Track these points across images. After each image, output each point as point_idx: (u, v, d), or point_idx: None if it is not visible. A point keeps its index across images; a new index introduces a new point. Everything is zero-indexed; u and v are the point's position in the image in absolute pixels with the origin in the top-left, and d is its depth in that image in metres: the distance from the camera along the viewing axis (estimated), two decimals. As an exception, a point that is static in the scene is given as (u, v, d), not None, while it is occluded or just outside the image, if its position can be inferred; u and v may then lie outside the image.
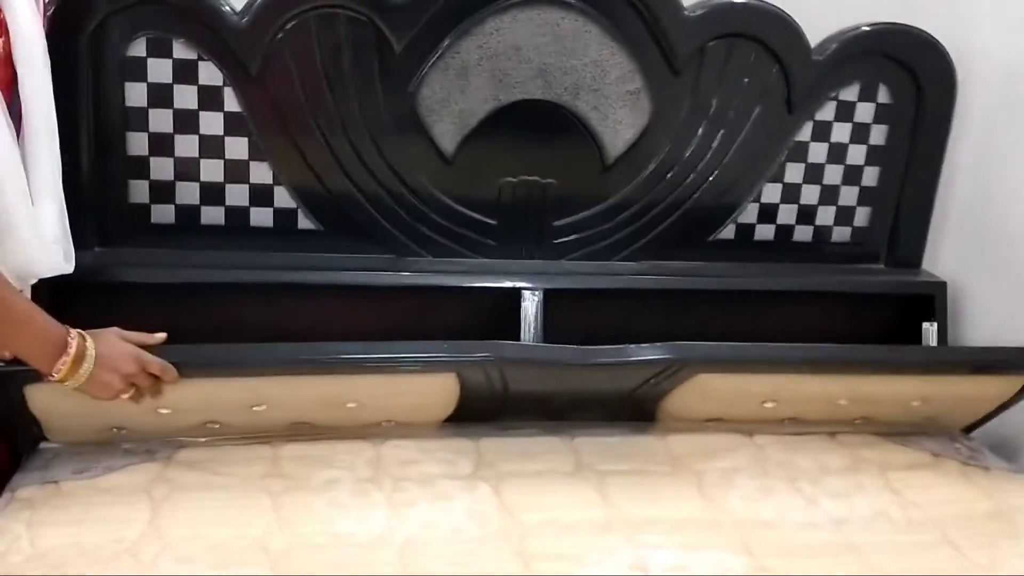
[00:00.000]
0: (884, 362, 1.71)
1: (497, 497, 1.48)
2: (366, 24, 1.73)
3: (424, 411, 1.66)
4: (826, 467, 1.65)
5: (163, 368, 1.41)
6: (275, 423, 1.60)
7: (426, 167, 1.85)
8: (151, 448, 1.55)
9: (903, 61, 1.94)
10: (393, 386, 1.57)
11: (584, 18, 1.80)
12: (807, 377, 1.69)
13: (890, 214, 2.05)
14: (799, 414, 1.77)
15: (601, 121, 1.87)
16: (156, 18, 1.68)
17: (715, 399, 1.70)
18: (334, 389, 1.55)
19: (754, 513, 1.50)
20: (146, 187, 1.76)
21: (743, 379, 1.67)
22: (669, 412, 1.73)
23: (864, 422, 1.80)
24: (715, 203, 1.97)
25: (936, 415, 1.81)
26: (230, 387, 1.51)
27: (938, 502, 1.56)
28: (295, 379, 1.53)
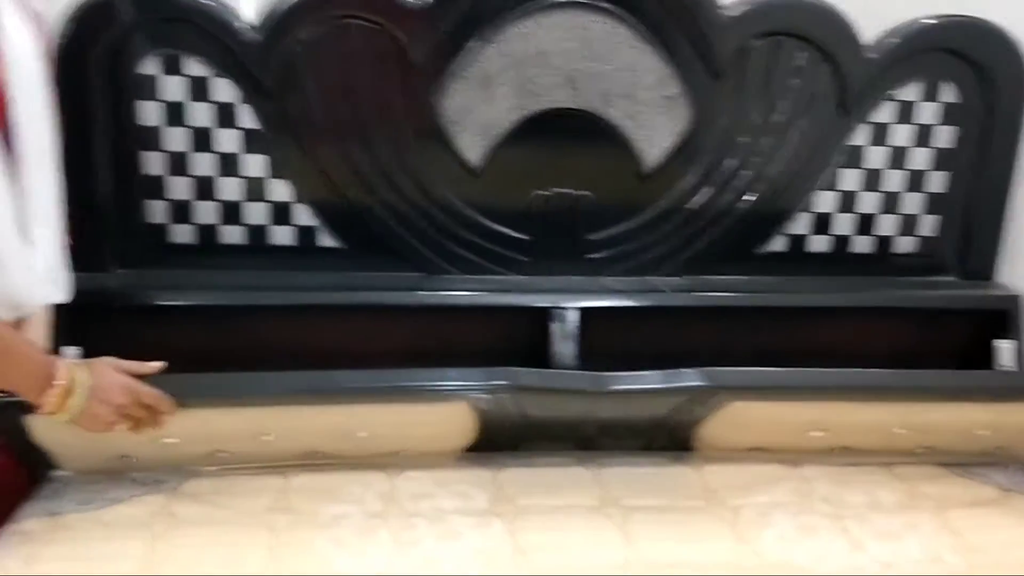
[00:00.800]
0: (943, 389, 1.55)
1: (510, 536, 1.39)
2: (382, 34, 1.66)
3: (440, 440, 1.58)
4: (878, 503, 1.51)
5: (157, 400, 1.36)
6: (285, 452, 1.54)
7: (452, 180, 1.77)
8: (159, 478, 1.52)
9: (969, 56, 1.78)
10: (404, 416, 1.50)
11: (614, 20, 1.69)
12: (857, 405, 1.54)
13: (959, 222, 1.89)
14: (851, 444, 1.63)
15: (636, 129, 1.76)
16: (169, 36, 1.64)
17: (754, 428, 1.58)
18: (341, 419, 1.48)
19: (790, 556, 1.37)
20: (163, 207, 1.72)
21: (784, 407, 1.54)
22: (706, 441, 1.61)
23: (926, 452, 1.65)
24: (764, 213, 1.84)
25: (1007, 445, 1.64)
26: (234, 417, 1.46)
27: (1001, 545, 1.40)
28: (301, 409, 1.47)
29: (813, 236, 1.87)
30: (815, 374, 1.56)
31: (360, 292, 1.78)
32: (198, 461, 1.54)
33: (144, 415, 1.36)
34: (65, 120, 1.56)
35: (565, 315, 1.77)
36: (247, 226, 1.75)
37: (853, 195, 1.85)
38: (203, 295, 1.73)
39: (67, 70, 1.59)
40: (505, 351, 1.72)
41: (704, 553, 1.37)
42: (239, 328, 1.75)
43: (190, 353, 1.50)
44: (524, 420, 1.54)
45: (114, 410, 1.31)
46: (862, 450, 1.63)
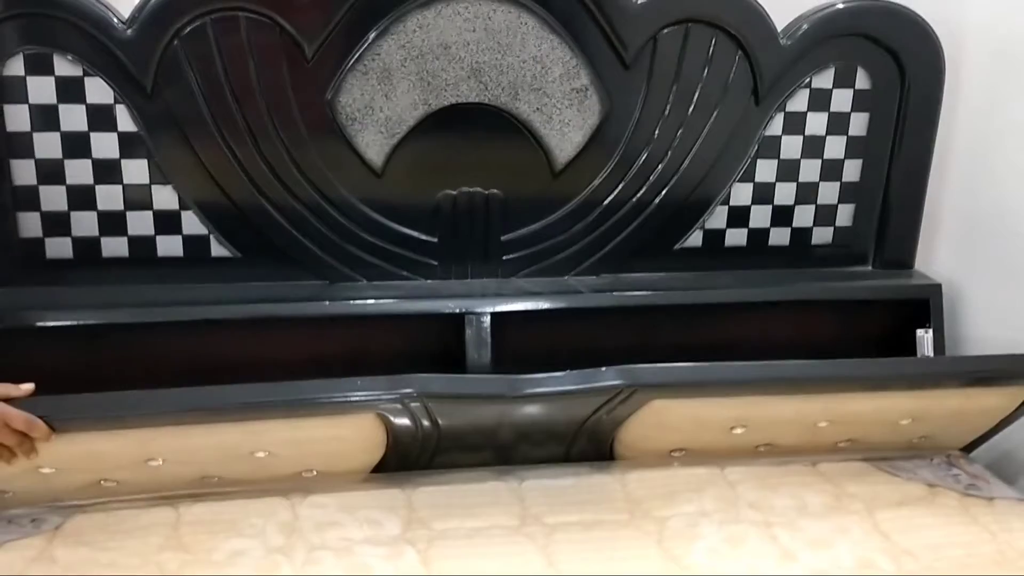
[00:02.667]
0: (864, 378, 1.51)
1: (424, 566, 1.29)
2: (272, 27, 1.55)
3: (347, 459, 1.48)
4: (806, 507, 1.45)
5: (28, 423, 1.24)
6: (176, 479, 1.42)
7: (352, 181, 1.66)
8: (39, 516, 1.38)
9: (883, 42, 1.74)
10: (305, 431, 1.39)
11: (518, 9, 1.60)
12: (779, 399, 1.49)
13: (876, 211, 1.85)
14: (774, 440, 1.58)
15: (546, 123, 1.68)
16: (33, 32, 1.50)
17: (676, 428, 1.51)
18: (236, 438, 1.37)
19: (720, 570, 1.30)
20: (38, 219, 1.58)
21: (705, 404, 1.47)
22: (627, 444, 1.54)
23: (850, 445, 1.61)
24: (680, 207, 1.78)
25: (930, 434, 1.61)
26: (117, 440, 1.34)
27: (933, 546, 1.36)
28: (191, 428, 1.35)
29: (730, 230, 1.81)
30: (735, 368, 1.49)
31: (258, 304, 1.66)
32: (81, 493, 1.41)
33: (14, 442, 1.24)
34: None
35: (479, 320, 1.69)
36: (131, 237, 1.62)
37: (770, 186, 1.80)
38: (85, 313, 1.59)
39: (-81, 72, 1.45)
40: (417, 359, 1.63)
41: (631, 572, 1.29)
42: (126, 348, 1.62)
43: (73, 377, 1.39)
44: (435, 430, 1.44)
45: None
46: (787, 446, 1.57)
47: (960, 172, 1.83)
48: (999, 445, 1.70)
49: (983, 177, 1.78)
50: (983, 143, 1.78)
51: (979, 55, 1.76)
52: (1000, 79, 1.73)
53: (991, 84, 1.75)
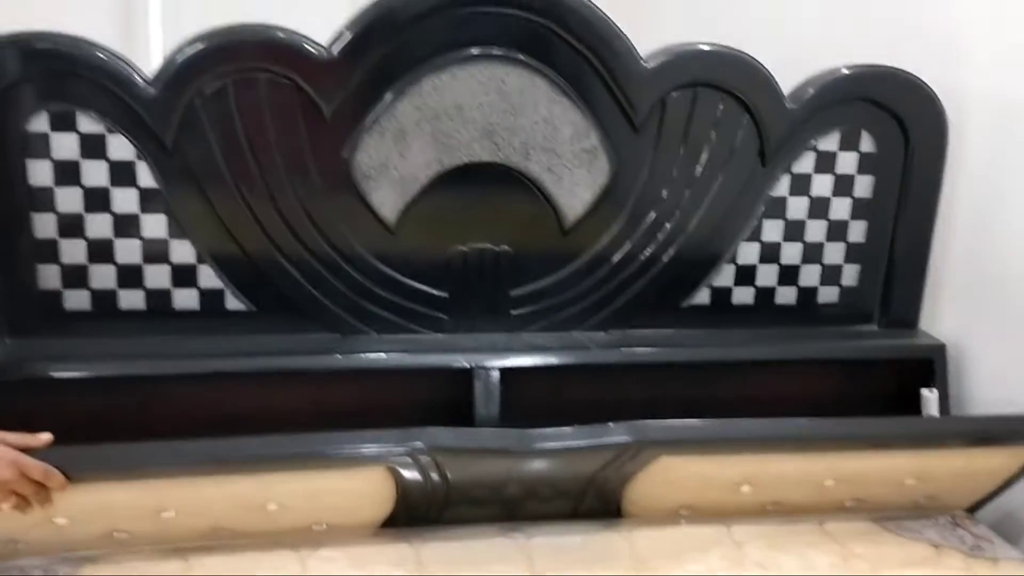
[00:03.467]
0: (869, 437, 1.54)
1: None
2: (291, 88, 1.59)
3: (357, 512, 1.49)
4: (812, 567, 1.46)
5: (45, 473, 1.26)
6: (188, 530, 1.43)
7: (366, 237, 1.69)
8: (50, 568, 1.39)
9: (888, 106, 1.78)
10: (316, 484, 1.41)
11: (531, 73, 1.64)
12: (785, 456, 1.52)
13: (882, 272, 1.88)
14: (781, 498, 1.59)
15: (556, 182, 1.71)
16: (59, 90, 1.54)
17: (683, 485, 1.53)
18: (248, 490, 1.39)
19: (726, 631, 1.31)
20: (57, 272, 1.61)
21: (712, 461, 1.50)
22: (634, 501, 1.56)
23: (856, 504, 1.62)
24: (687, 266, 1.80)
25: (935, 494, 1.62)
26: (131, 491, 1.36)
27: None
28: (204, 480, 1.37)
29: (737, 288, 1.84)
30: (742, 425, 1.52)
31: (271, 357, 1.68)
32: (93, 544, 1.42)
33: (31, 491, 1.26)
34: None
35: (488, 375, 1.71)
36: (148, 290, 1.65)
37: (776, 246, 1.83)
38: (101, 365, 1.62)
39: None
40: (426, 412, 1.65)
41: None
42: (142, 400, 1.65)
43: (88, 428, 1.41)
44: (445, 484, 1.46)
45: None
46: (793, 504, 1.58)
47: (964, 234, 1.85)
48: (1004, 505, 1.71)
49: (987, 239, 1.80)
50: (986, 206, 1.80)
51: (982, 120, 1.79)
52: (1003, 144, 1.75)
53: (994, 148, 1.77)
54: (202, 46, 1.56)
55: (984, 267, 1.82)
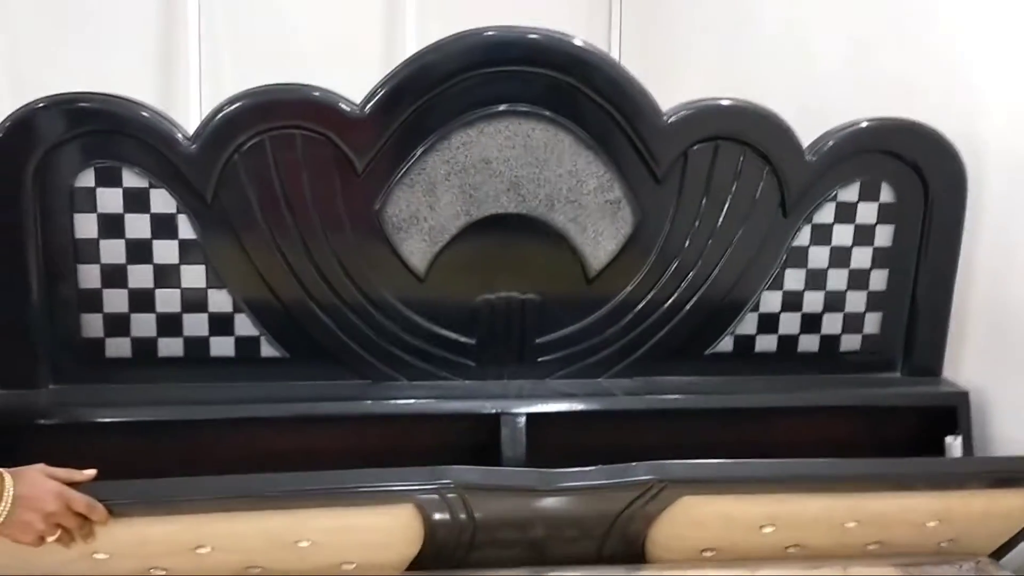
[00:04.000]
0: (890, 477, 1.57)
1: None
2: (325, 143, 1.65)
3: (386, 550, 1.53)
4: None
5: (89, 506, 1.32)
6: (223, 566, 1.47)
7: (396, 286, 1.75)
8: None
9: (907, 158, 1.82)
10: (346, 520, 1.45)
11: (556, 128, 1.70)
12: (806, 497, 1.54)
13: (903, 319, 1.90)
14: (803, 540, 1.60)
15: (580, 233, 1.76)
16: (105, 147, 1.61)
17: (706, 526, 1.55)
18: (281, 525, 1.44)
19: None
20: (100, 320, 1.68)
21: (734, 501, 1.52)
22: (658, 542, 1.58)
23: (879, 547, 1.63)
24: (711, 314, 1.84)
25: (957, 537, 1.63)
26: (168, 526, 1.41)
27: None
28: (238, 516, 1.42)
29: (760, 336, 1.87)
30: (764, 464, 1.55)
31: (304, 403, 1.74)
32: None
33: (75, 524, 1.32)
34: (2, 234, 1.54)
35: (514, 420, 1.75)
36: (186, 338, 1.71)
37: (798, 294, 1.86)
38: (140, 410, 1.68)
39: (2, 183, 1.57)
40: (455, 456, 1.67)
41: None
42: (179, 444, 1.70)
43: (127, 471, 1.45)
44: (471, 524, 1.50)
45: (44, 518, 1.28)
46: (816, 547, 1.60)
47: (985, 282, 1.87)
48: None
49: (1008, 287, 1.82)
50: (1007, 255, 1.82)
51: (1001, 171, 1.82)
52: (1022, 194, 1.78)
53: (1014, 198, 1.80)
54: (240, 105, 1.63)
55: (1006, 314, 1.83)
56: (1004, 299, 1.84)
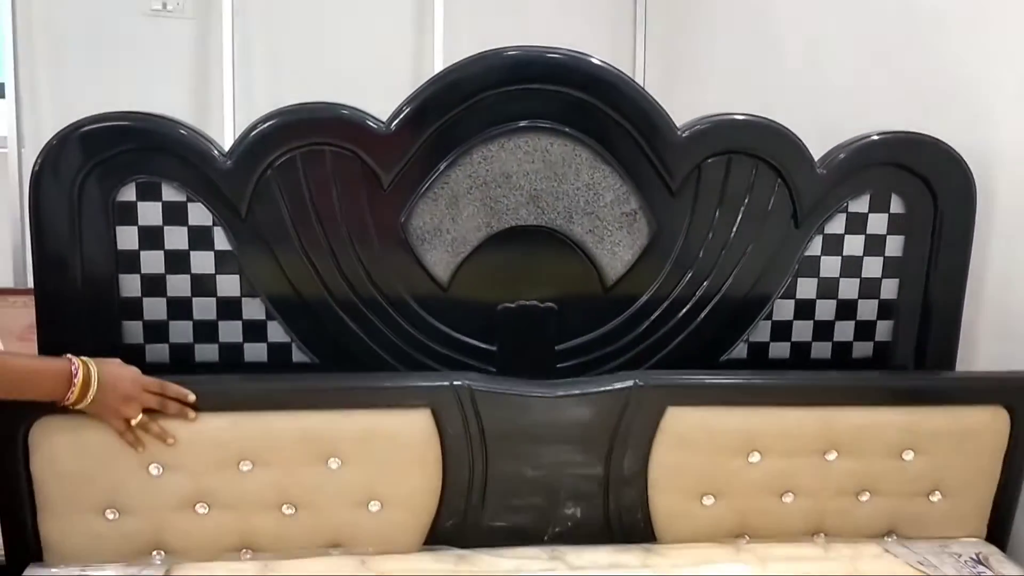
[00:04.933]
0: (854, 387, 1.78)
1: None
2: (353, 159, 1.73)
3: (408, 476, 1.67)
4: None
5: (162, 385, 1.57)
6: (262, 500, 1.62)
7: (421, 295, 1.82)
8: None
9: (916, 170, 1.87)
10: (369, 422, 1.64)
11: (574, 143, 1.77)
12: (780, 409, 1.72)
13: (915, 327, 1.95)
14: (793, 482, 1.74)
15: (598, 244, 1.82)
16: (145, 163, 1.70)
17: (695, 445, 1.70)
18: (314, 427, 1.62)
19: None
20: (140, 328, 1.76)
21: (714, 413, 1.70)
22: (658, 479, 1.70)
23: (869, 501, 1.75)
24: (725, 322, 1.90)
25: (942, 481, 1.76)
26: (218, 421, 1.61)
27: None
28: (278, 415, 1.62)
29: (774, 343, 1.92)
30: (735, 374, 1.79)
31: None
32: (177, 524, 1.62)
33: (154, 402, 1.56)
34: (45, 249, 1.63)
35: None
36: (221, 344, 1.79)
37: (811, 303, 1.91)
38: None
39: (47, 199, 1.66)
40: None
41: None
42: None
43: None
44: (481, 436, 1.66)
45: (125, 398, 1.53)
46: (804, 489, 1.73)
47: (996, 290, 1.92)
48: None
49: (1019, 295, 1.87)
50: (1018, 264, 1.87)
51: (1010, 182, 1.87)
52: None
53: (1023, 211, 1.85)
54: (273, 123, 1.72)
55: (1018, 323, 1.88)
56: (1015, 308, 1.88)
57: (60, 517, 1.58)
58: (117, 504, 1.59)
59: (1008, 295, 1.89)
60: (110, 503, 1.59)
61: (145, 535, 1.60)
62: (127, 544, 1.60)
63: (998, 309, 1.92)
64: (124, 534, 1.59)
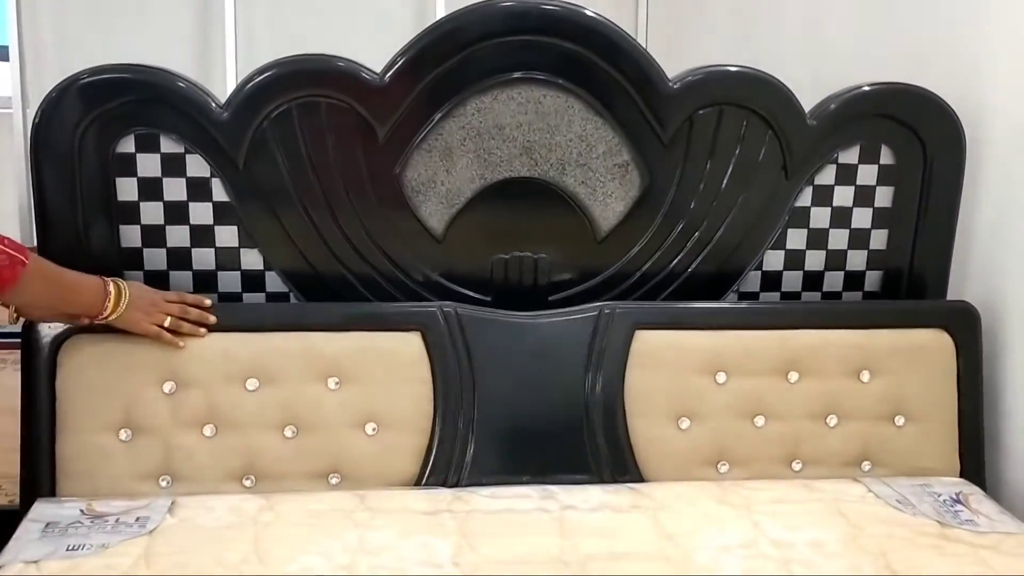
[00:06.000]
0: (808, 310, 1.92)
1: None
2: (348, 111, 1.76)
3: (402, 400, 1.75)
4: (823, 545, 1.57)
5: (181, 295, 1.72)
6: (266, 419, 1.71)
7: (416, 247, 1.85)
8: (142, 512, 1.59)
9: (906, 121, 1.89)
10: (367, 342, 1.75)
11: (566, 94, 1.80)
12: (743, 333, 1.84)
13: (904, 278, 1.97)
14: (761, 404, 1.82)
15: (590, 195, 1.85)
16: (143, 115, 1.73)
17: (663, 365, 1.81)
18: (317, 346, 1.74)
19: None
20: (141, 277, 1.79)
21: (681, 336, 1.82)
22: (635, 400, 1.79)
23: (839, 430, 1.84)
24: (715, 272, 1.93)
25: (905, 402, 1.85)
26: (228, 343, 1.71)
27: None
28: (284, 341, 1.73)
29: (764, 294, 1.96)
30: (705, 304, 1.91)
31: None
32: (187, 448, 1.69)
33: (176, 311, 1.68)
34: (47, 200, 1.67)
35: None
36: (220, 294, 1.83)
37: (800, 253, 1.94)
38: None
39: (48, 152, 1.69)
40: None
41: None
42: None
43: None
44: (468, 358, 1.77)
45: (151, 304, 1.66)
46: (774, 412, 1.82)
47: (984, 242, 1.94)
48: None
49: (1006, 247, 1.89)
50: (1005, 215, 1.89)
51: (999, 132, 1.88)
52: (1020, 155, 1.84)
53: (1012, 159, 1.86)
54: (268, 75, 1.74)
55: (1004, 274, 1.90)
56: (1004, 260, 1.90)
57: (77, 435, 1.65)
58: (131, 423, 1.67)
59: (996, 244, 1.91)
60: (125, 422, 1.67)
61: (154, 458, 1.67)
62: (136, 467, 1.66)
63: (987, 261, 1.94)
64: (134, 456, 1.66)
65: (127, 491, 1.65)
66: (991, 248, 1.93)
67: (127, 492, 1.65)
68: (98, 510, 1.59)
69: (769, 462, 1.82)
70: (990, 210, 1.93)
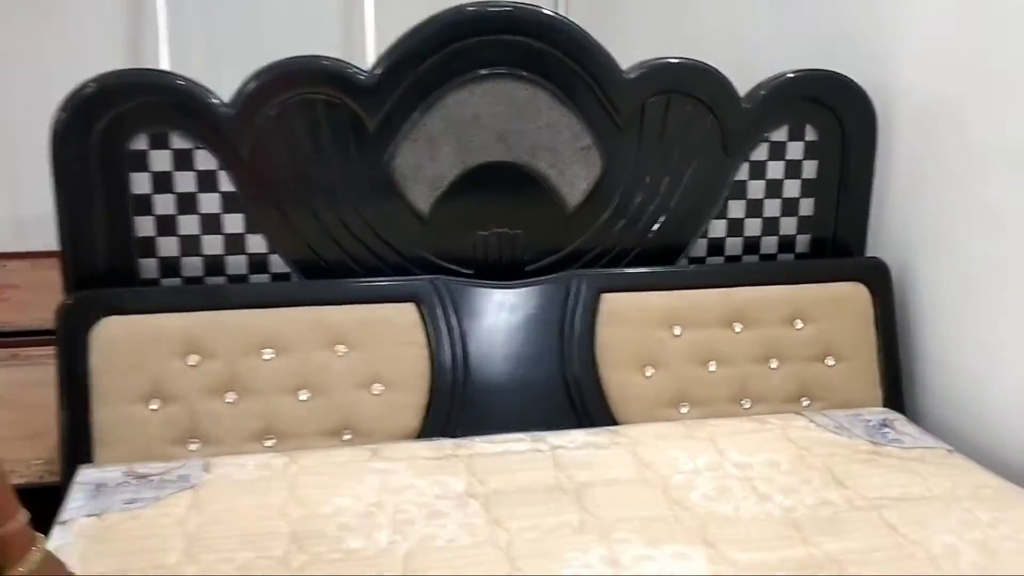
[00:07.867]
0: (745, 272, 2.20)
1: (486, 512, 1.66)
2: (341, 107, 1.96)
3: (403, 359, 1.96)
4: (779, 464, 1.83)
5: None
6: (282, 384, 1.89)
7: (405, 227, 2.06)
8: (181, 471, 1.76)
9: (826, 103, 2.17)
10: (367, 313, 1.96)
11: (535, 87, 2.02)
12: (693, 292, 2.10)
13: (829, 240, 2.26)
14: (714, 351, 2.08)
15: (559, 176, 2.08)
16: (155, 115, 1.90)
17: (628, 322, 2.06)
18: (324, 318, 1.93)
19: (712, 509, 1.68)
20: (155, 264, 1.96)
21: (642, 297, 2.08)
22: (607, 364, 2.03)
23: (781, 371, 2.10)
24: (667, 241, 2.18)
25: (832, 344, 2.13)
26: (241, 319, 1.89)
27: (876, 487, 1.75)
28: (294, 311, 1.92)
29: (710, 258, 2.22)
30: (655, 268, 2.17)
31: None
32: (213, 414, 1.87)
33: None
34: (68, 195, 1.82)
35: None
36: (228, 276, 2.01)
37: (740, 222, 2.21)
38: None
39: (67, 151, 1.85)
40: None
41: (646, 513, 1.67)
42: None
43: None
44: (459, 327, 1.99)
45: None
46: (724, 357, 2.08)
47: (897, 206, 2.22)
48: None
49: (916, 211, 2.18)
50: (915, 182, 2.17)
51: (908, 112, 2.16)
52: (926, 130, 2.12)
53: (919, 135, 2.14)
54: (267, 76, 1.93)
55: (914, 235, 2.19)
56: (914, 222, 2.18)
57: (112, 407, 1.82)
58: (160, 394, 1.84)
59: (906, 209, 2.20)
60: (154, 393, 1.84)
61: (183, 424, 1.84)
62: (167, 433, 1.83)
63: (900, 223, 2.23)
64: (165, 423, 1.83)
65: (161, 455, 1.82)
66: (903, 212, 2.22)
67: (161, 456, 1.82)
68: (140, 472, 1.75)
69: (722, 402, 2.09)
70: (901, 180, 2.21)
